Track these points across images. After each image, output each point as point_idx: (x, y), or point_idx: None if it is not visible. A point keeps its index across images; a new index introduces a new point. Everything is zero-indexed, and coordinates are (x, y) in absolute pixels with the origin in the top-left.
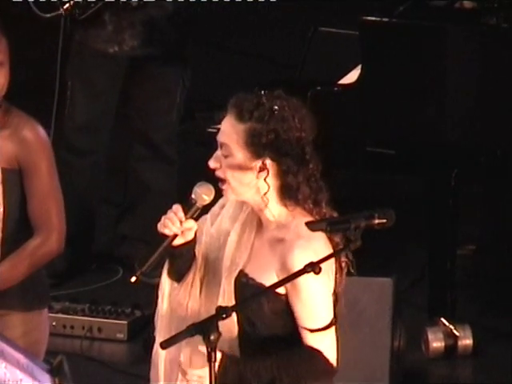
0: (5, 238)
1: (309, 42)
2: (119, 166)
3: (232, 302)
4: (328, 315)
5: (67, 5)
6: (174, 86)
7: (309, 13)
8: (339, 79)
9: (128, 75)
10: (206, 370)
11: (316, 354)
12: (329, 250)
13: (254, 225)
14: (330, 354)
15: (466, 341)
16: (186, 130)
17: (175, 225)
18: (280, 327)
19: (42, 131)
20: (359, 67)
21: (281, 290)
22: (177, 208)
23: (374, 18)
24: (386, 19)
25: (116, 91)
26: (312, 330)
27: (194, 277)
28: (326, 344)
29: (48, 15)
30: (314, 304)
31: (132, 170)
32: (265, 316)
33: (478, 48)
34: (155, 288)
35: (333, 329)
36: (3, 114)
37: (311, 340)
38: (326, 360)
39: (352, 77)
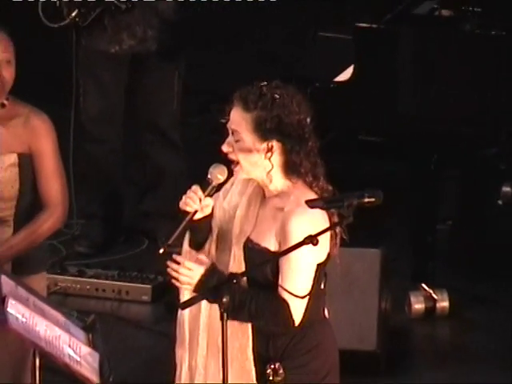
0: (18, 213)
1: (309, 44)
2: (136, 151)
3: (242, 265)
4: (307, 287)
5: (72, 15)
6: (171, 78)
7: (308, 17)
8: (335, 77)
9: (130, 71)
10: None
11: (285, 305)
12: (324, 218)
13: (258, 198)
14: (296, 314)
15: (444, 303)
16: (202, 120)
17: (195, 203)
18: (275, 283)
19: (47, 119)
20: (352, 67)
21: (275, 249)
22: (196, 188)
23: (365, 25)
24: (375, 25)
25: (121, 85)
26: (289, 292)
27: (211, 246)
28: (296, 305)
29: (56, 25)
30: (297, 269)
31: (145, 154)
32: (264, 274)
33: (454, 49)
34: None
35: (306, 299)
36: (12, 107)
37: (285, 297)
38: (290, 315)
39: (346, 75)
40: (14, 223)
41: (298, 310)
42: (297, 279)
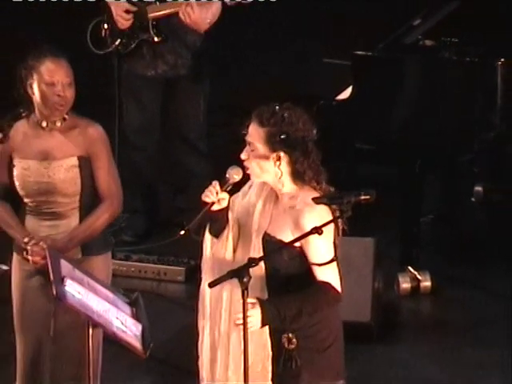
0: (82, 207)
1: (316, 68)
2: (169, 158)
3: (260, 254)
4: (330, 253)
5: (115, 44)
6: (198, 97)
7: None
8: (337, 95)
9: (164, 91)
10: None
11: (326, 285)
12: (328, 212)
13: (272, 198)
14: (336, 283)
15: (426, 283)
16: (226, 132)
17: (213, 195)
18: (296, 269)
19: (101, 129)
20: (350, 87)
21: (294, 241)
22: (215, 183)
23: (361, 52)
24: (369, 53)
25: (157, 103)
26: (319, 265)
27: (228, 234)
28: (331, 275)
29: (101, 52)
30: (319, 245)
31: (177, 160)
32: (284, 262)
33: (435, 73)
34: (201, 244)
35: (335, 264)
36: (71, 119)
37: (320, 273)
38: (334, 288)
39: (346, 94)
40: (79, 215)
41: (334, 278)
42: (322, 252)
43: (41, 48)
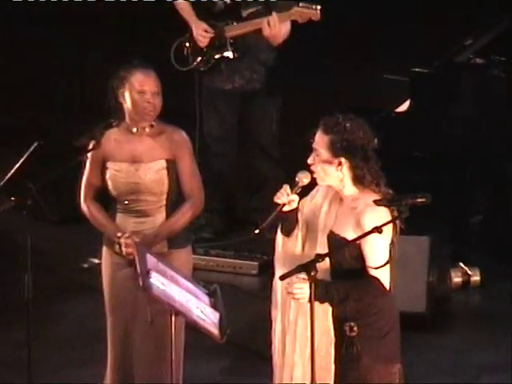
0: (169, 205)
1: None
2: (245, 163)
3: (325, 250)
4: (384, 257)
5: (196, 62)
6: (271, 109)
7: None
8: (396, 108)
9: (240, 103)
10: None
11: (377, 280)
12: (387, 213)
13: (337, 200)
14: (386, 282)
15: (476, 278)
16: (295, 139)
17: (284, 197)
18: (354, 264)
19: (185, 135)
20: (408, 101)
21: (351, 239)
22: (286, 186)
23: (418, 69)
24: (426, 70)
25: (234, 114)
26: (375, 268)
27: (297, 233)
28: (382, 275)
29: (184, 69)
30: (377, 245)
31: (252, 165)
32: (346, 258)
33: (484, 89)
34: (274, 241)
35: (387, 266)
36: (158, 126)
37: (373, 272)
38: (383, 285)
39: (404, 107)
40: (165, 212)
41: (385, 278)
42: (378, 256)
43: (131, 61)
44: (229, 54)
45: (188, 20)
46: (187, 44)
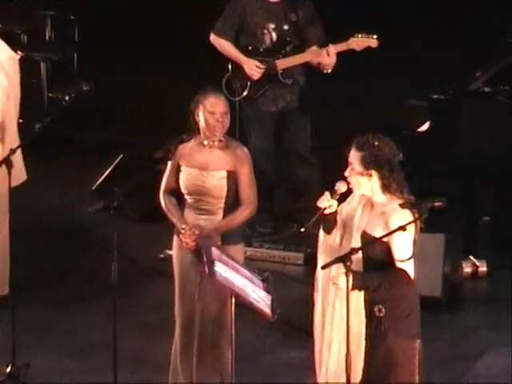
0: (226, 207)
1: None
2: (288, 170)
3: (359, 246)
4: (409, 251)
5: (245, 92)
6: (305, 123)
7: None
8: (418, 128)
9: (279, 120)
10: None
11: (403, 271)
12: (410, 216)
13: (368, 206)
14: (411, 273)
15: (483, 268)
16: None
17: (325, 202)
18: (383, 258)
19: (246, 151)
20: (428, 122)
21: (385, 239)
22: (326, 193)
23: (436, 96)
24: (442, 97)
25: (274, 129)
26: (401, 261)
27: (336, 232)
28: (408, 268)
29: (236, 99)
30: (402, 242)
31: (294, 172)
32: (376, 253)
33: (491, 112)
34: (316, 237)
35: (412, 260)
36: (226, 141)
37: (400, 265)
38: (409, 276)
39: (425, 127)
40: (222, 213)
41: (411, 270)
42: (405, 250)
43: (205, 88)
44: (281, 82)
45: (235, 58)
46: (235, 79)
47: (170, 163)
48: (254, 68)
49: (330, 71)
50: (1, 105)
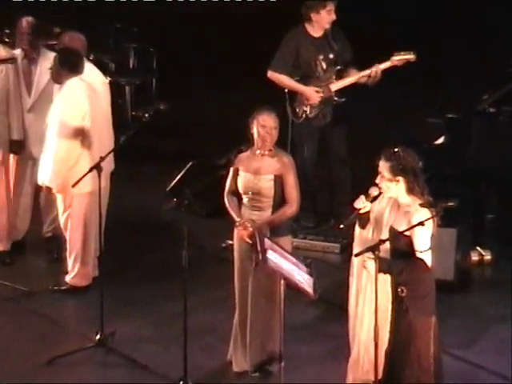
0: (274, 205)
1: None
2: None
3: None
4: (427, 244)
5: (306, 113)
6: (344, 133)
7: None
8: (435, 141)
9: (325, 130)
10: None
11: (422, 261)
12: (429, 213)
13: (396, 205)
14: (429, 262)
15: (488, 257)
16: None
17: (361, 203)
18: (406, 249)
19: (291, 158)
20: (443, 136)
21: (407, 233)
22: (362, 196)
23: (450, 115)
24: (455, 116)
25: (319, 138)
26: (421, 251)
27: (369, 227)
28: (427, 257)
29: (300, 120)
30: (422, 235)
31: (334, 173)
32: (401, 245)
33: (494, 129)
34: (352, 230)
35: (429, 251)
36: (275, 150)
37: (420, 255)
38: (426, 264)
39: (440, 140)
40: (271, 210)
41: (428, 259)
42: (424, 242)
43: (260, 107)
44: (336, 102)
45: (295, 88)
46: (296, 104)
47: (231, 169)
48: (314, 94)
49: (374, 86)
50: (88, 123)
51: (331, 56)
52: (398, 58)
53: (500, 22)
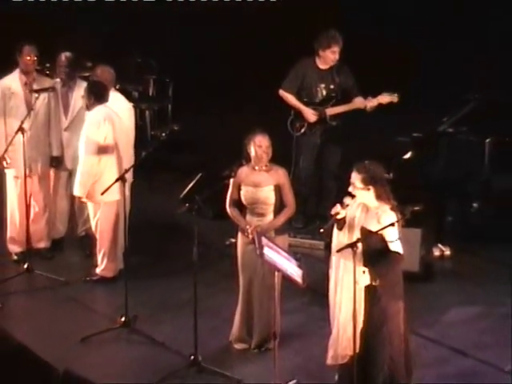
0: (275, 211)
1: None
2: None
3: (359, 237)
4: (396, 235)
5: (303, 129)
6: (338, 151)
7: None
8: (403, 155)
9: (321, 148)
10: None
11: (394, 252)
12: (396, 216)
13: (365, 209)
14: (400, 250)
15: (447, 252)
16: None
17: (337, 210)
18: (377, 246)
19: (285, 171)
20: (410, 152)
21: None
22: (337, 205)
23: (416, 134)
24: (420, 135)
25: (316, 155)
26: (391, 241)
27: (345, 229)
28: (397, 246)
29: (296, 134)
30: (391, 232)
31: (324, 183)
32: (372, 242)
33: (453, 146)
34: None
35: (399, 241)
36: (270, 165)
37: (392, 246)
38: (400, 254)
39: (407, 156)
40: (273, 214)
41: (400, 248)
42: (393, 234)
43: (253, 131)
44: (330, 125)
45: (297, 107)
46: (296, 120)
47: (232, 181)
48: (311, 114)
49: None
50: (109, 143)
51: (332, 86)
52: (383, 97)
53: (456, 62)
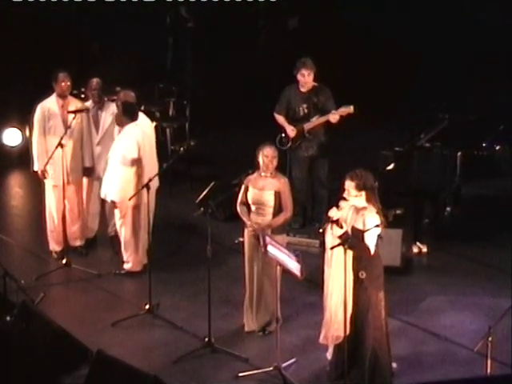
0: (274, 212)
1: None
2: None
3: (350, 234)
4: (374, 241)
5: (289, 144)
6: (325, 163)
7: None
8: (387, 167)
9: (311, 161)
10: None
11: (369, 249)
12: (379, 217)
13: (355, 211)
14: (372, 248)
15: (425, 249)
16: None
17: (333, 213)
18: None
19: (286, 179)
20: (392, 164)
21: (360, 227)
22: (334, 208)
23: (397, 149)
24: (400, 149)
25: (307, 167)
26: (369, 239)
27: (337, 229)
28: (370, 244)
29: (284, 148)
30: (372, 235)
31: (316, 190)
32: (358, 236)
33: (429, 159)
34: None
35: (374, 239)
36: (275, 174)
37: (366, 237)
38: (375, 251)
39: (390, 167)
40: (272, 215)
41: (372, 245)
42: (371, 237)
43: (263, 143)
44: (308, 138)
45: (283, 125)
46: (283, 136)
47: (243, 186)
48: (290, 130)
49: (335, 124)
50: (140, 155)
51: (312, 106)
52: (342, 111)
53: (433, 78)
